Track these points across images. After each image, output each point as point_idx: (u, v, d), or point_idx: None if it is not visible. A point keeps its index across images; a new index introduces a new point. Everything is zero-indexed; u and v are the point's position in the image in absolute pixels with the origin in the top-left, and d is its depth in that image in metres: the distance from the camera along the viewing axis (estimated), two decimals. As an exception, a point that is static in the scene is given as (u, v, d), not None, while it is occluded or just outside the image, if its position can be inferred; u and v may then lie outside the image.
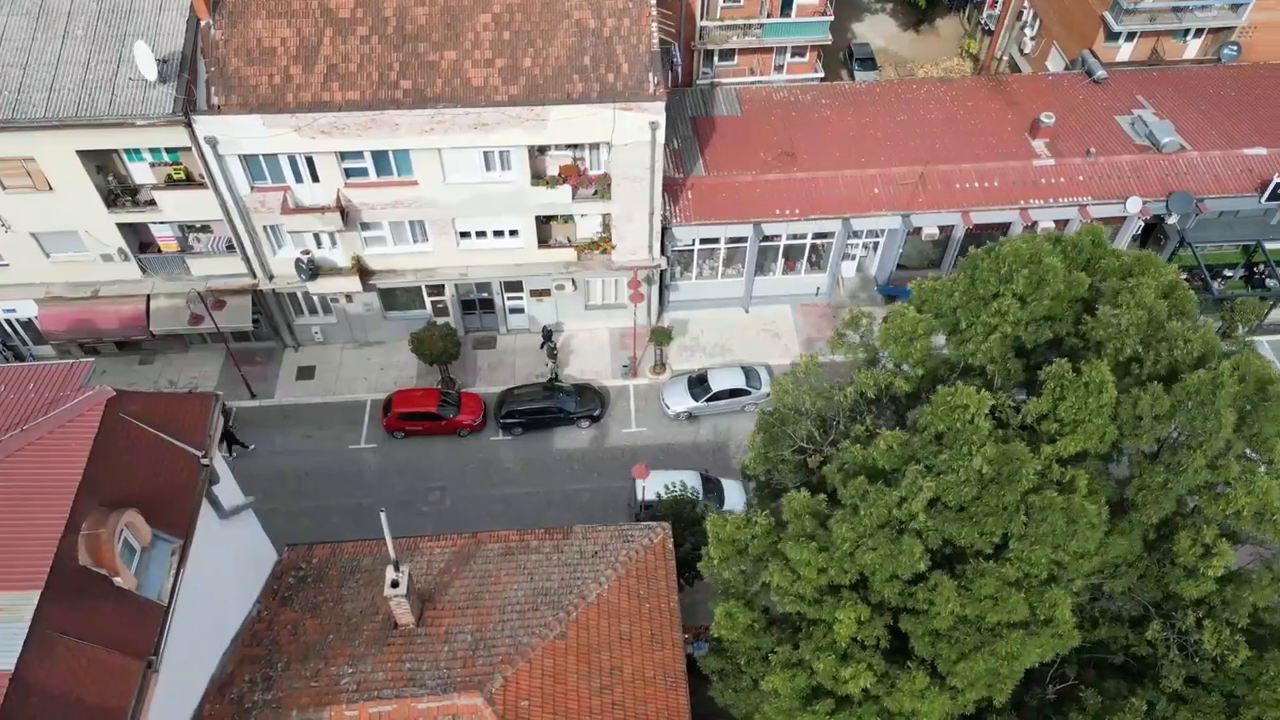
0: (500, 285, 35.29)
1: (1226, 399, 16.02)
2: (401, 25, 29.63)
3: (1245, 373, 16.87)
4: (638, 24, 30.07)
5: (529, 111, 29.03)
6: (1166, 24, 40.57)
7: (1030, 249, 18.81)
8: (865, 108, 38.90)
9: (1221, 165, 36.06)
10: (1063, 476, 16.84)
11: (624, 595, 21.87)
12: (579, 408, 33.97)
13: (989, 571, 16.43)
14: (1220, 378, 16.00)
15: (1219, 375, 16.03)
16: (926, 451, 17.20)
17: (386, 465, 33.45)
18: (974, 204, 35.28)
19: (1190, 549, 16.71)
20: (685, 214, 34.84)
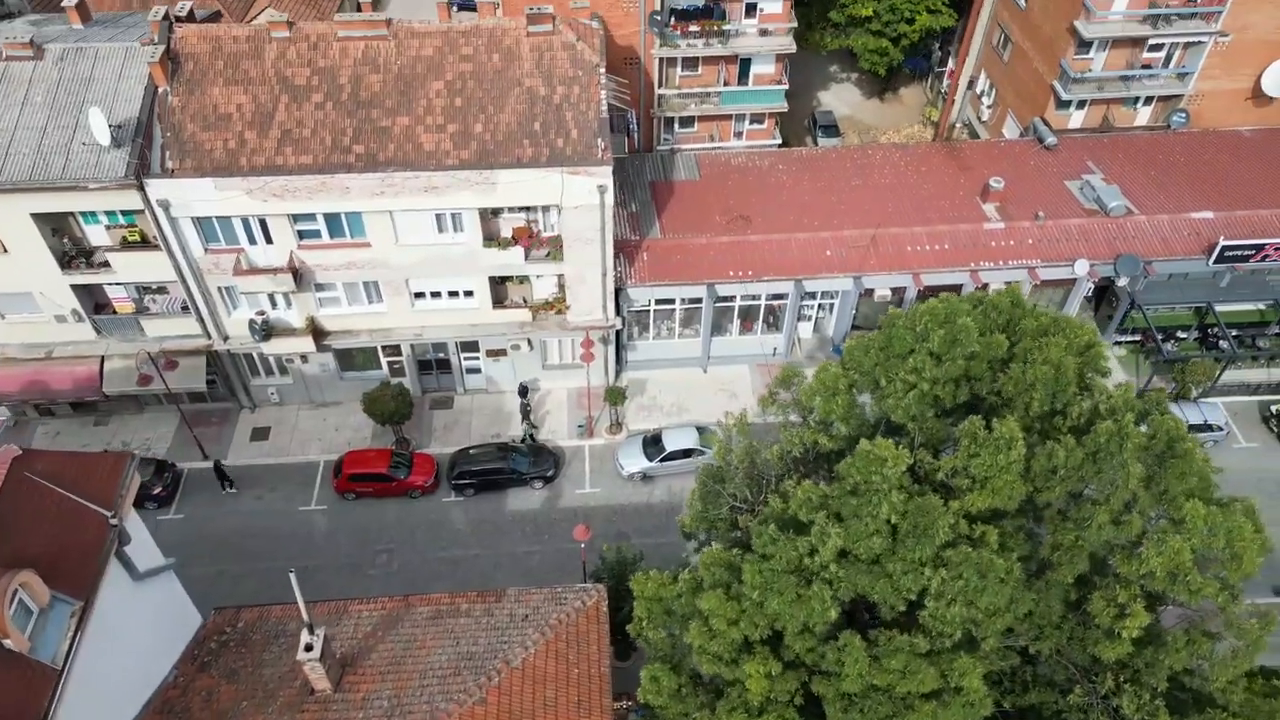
0: (456, 345, 35.44)
1: (1133, 451, 16.00)
2: (356, 92, 30.37)
3: (1156, 429, 16.86)
4: (587, 91, 30.85)
5: (478, 175, 29.58)
6: (1115, 92, 41.64)
7: (945, 309, 19.03)
8: (820, 173, 39.68)
9: (1169, 229, 36.67)
10: (973, 532, 16.73)
11: (552, 660, 21.44)
12: (532, 468, 33.79)
13: (899, 645, 16.16)
14: (1126, 429, 16.02)
15: (1124, 427, 16.05)
16: (841, 503, 17.13)
17: (335, 527, 33.09)
18: (925, 266, 35.73)
19: (1105, 610, 16.49)
20: (640, 275, 35.22)
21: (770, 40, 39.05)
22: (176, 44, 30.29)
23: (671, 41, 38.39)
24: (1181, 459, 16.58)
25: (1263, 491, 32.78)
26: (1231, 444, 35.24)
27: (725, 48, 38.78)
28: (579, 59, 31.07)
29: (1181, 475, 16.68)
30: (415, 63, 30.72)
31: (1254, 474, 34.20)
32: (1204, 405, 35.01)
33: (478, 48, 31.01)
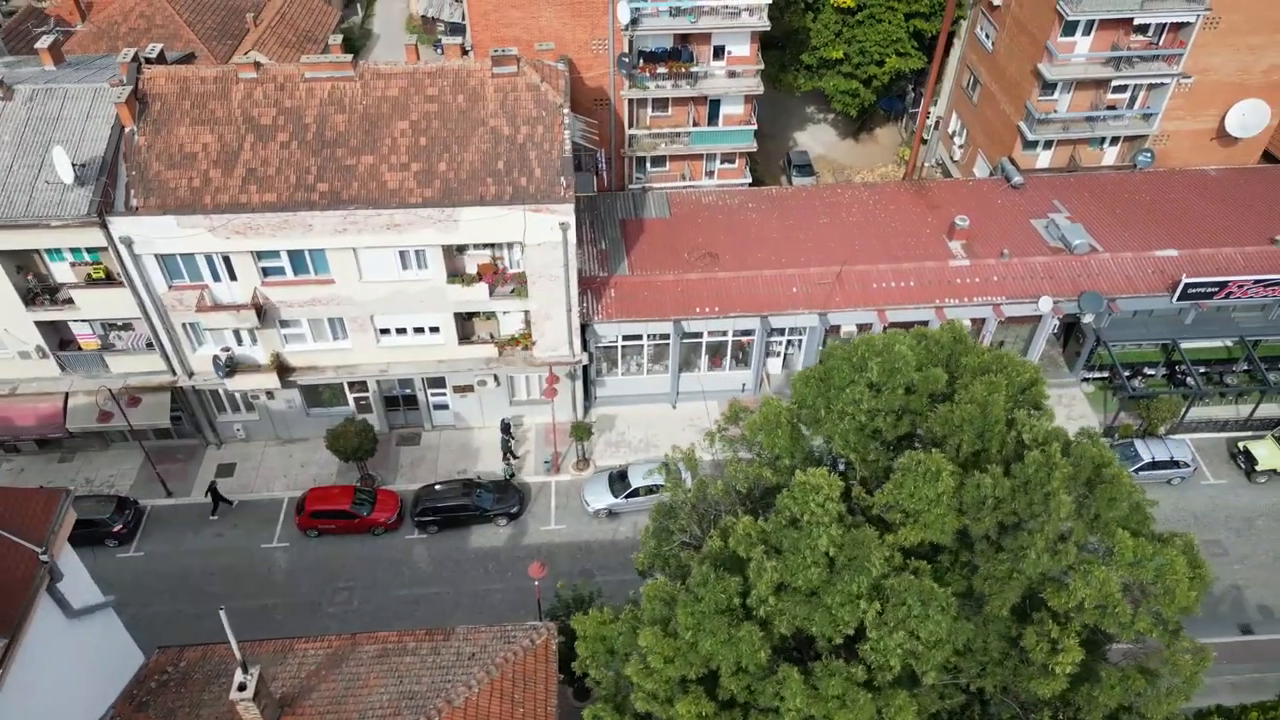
0: (422, 382, 35.44)
1: (1061, 480, 15.96)
2: (321, 132, 30.75)
3: (1079, 456, 16.82)
4: (550, 131, 31.25)
5: (440, 212, 29.85)
6: (1080, 133, 42.27)
7: (883, 340, 19.12)
8: (789, 211, 40.07)
9: (1133, 266, 36.95)
10: (906, 565, 16.62)
11: (496, 699, 21.12)
12: (496, 505, 33.60)
13: (837, 671, 15.99)
14: (1053, 458, 16.00)
15: (1051, 456, 16.03)
16: (779, 535, 17.04)
17: (296, 565, 32.80)
18: (890, 302, 35.92)
19: (1038, 645, 16.32)
20: (607, 311, 35.37)
21: (738, 82, 39.67)
22: (144, 85, 30.72)
23: (640, 83, 38.99)
24: (1109, 484, 16.48)
25: (1229, 528, 32.94)
26: (1199, 481, 35.15)
27: (694, 89, 39.38)
28: (542, 99, 31.52)
29: (1111, 500, 16.55)
30: (380, 103, 31.16)
31: (1221, 510, 34.15)
32: (1170, 442, 34.97)
33: (443, 88, 31.48)
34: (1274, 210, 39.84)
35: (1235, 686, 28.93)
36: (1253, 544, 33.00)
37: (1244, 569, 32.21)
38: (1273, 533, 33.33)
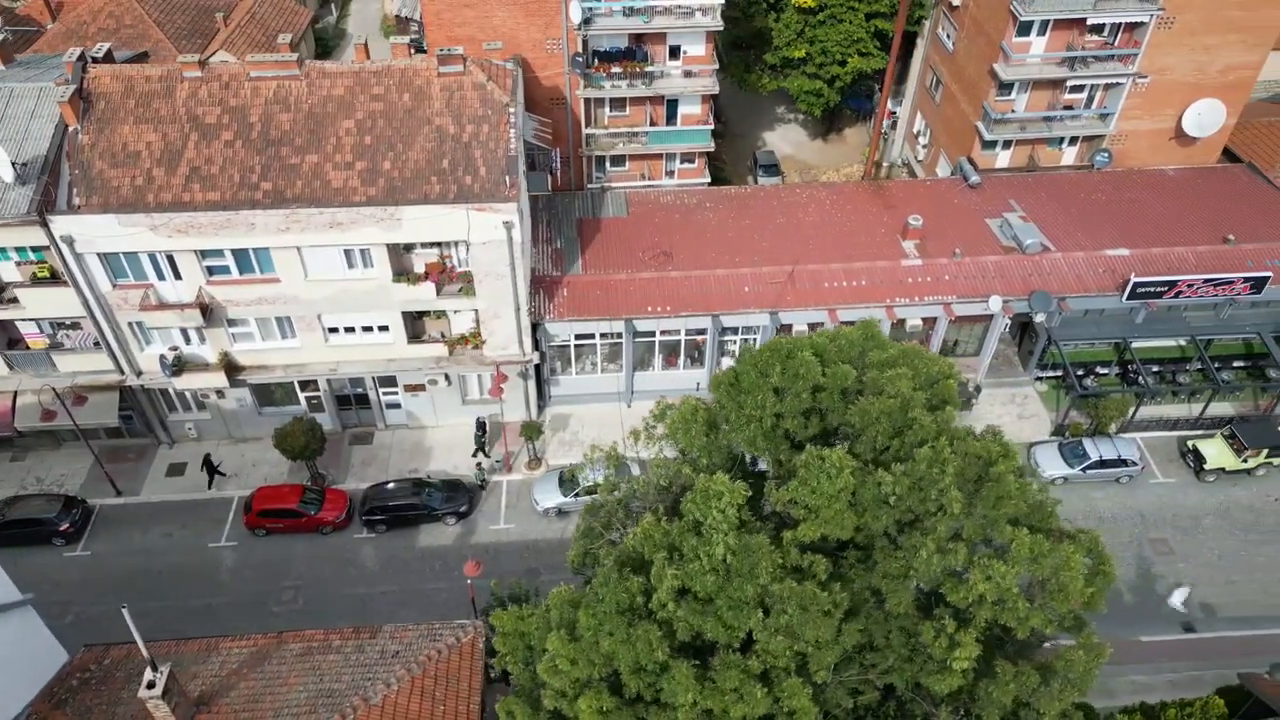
0: (374, 380, 35.44)
1: (951, 478, 16.01)
2: (266, 131, 30.75)
3: (968, 454, 16.84)
4: (496, 130, 31.28)
5: (383, 211, 29.86)
6: (1038, 132, 42.35)
7: (788, 345, 19.20)
8: (746, 211, 40.13)
9: (1084, 265, 37.04)
10: (802, 562, 16.67)
11: (416, 697, 21.15)
12: (445, 504, 33.61)
13: (733, 664, 16.03)
14: (943, 455, 16.05)
15: (941, 452, 16.09)
16: (684, 539, 17.10)
17: (243, 564, 32.78)
18: (841, 302, 35.98)
19: (936, 640, 16.37)
20: (559, 310, 35.40)
21: (694, 81, 39.71)
22: (89, 84, 30.71)
23: (595, 83, 39.03)
24: (995, 482, 16.48)
25: (1177, 527, 33.06)
26: (1148, 479, 35.24)
27: (649, 89, 39.42)
28: (489, 99, 31.55)
29: (1001, 498, 16.55)
30: (326, 102, 31.17)
31: (1169, 509, 34.26)
32: (1118, 441, 35.06)
33: (388, 87, 31.50)
34: (1229, 209, 39.98)
35: (1174, 684, 29.03)
36: (1198, 543, 33.09)
37: (1189, 568, 32.31)
38: (1219, 531, 33.43)
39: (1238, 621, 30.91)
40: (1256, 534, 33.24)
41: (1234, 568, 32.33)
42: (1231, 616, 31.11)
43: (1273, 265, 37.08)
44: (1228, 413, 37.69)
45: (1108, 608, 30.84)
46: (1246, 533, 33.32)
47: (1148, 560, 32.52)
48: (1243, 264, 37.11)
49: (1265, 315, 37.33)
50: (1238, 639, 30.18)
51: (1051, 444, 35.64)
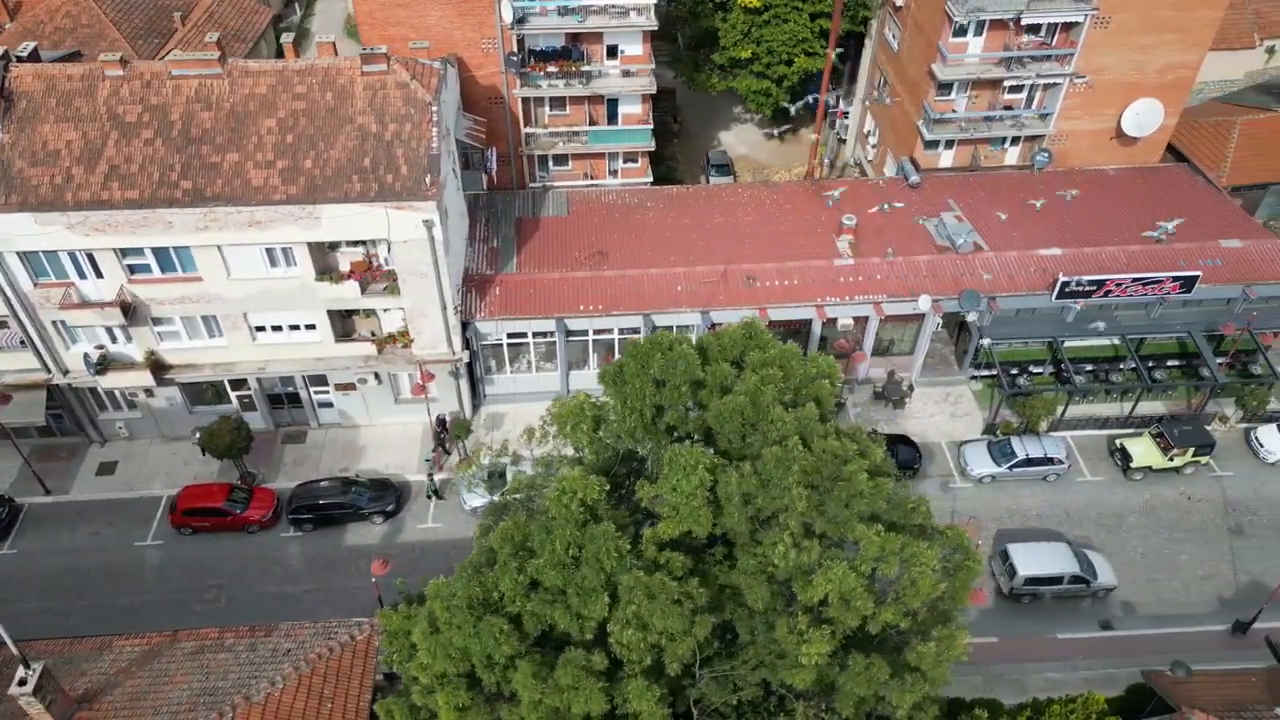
0: (304, 379, 35.44)
1: (798, 477, 16.08)
2: (187, 129, 30.75)
3: (822, 453, 16.90)
4: (419, 129, 31.31)
5: (301, 209, 29.88)
6: (978, 132, 42.45)
7: (669, 339, 19.27)
8: (686, 210, 40.23)
9: (1016, 265, 37.17)
10: (659, 558, 16.74)
11: (302, 695, 21.16)
12: (372, 503, 33.61)
13: (573, 661, 16.10)
14: (792, 453, 16.12)
15: (790, 451, 16.16)
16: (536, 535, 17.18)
17: (168, 563, 32.77)
18: (771, 301, 36.07)
19: (789, 636, 16.44)
20: (490, 309, 35.45)
21: (632, 81, 39.75)
22: (11, 83, 30.67)
23: (532, 82, 39.05)
24: (847, 481, 16.52)
25: (1100, 525, 33.22)
26: (1075, 477, 35.36)
27: (587, 88, 39.44)
28: (412, 97, 31.58)
29: (850, 497, 16.57)
30: (248, 100, 31.17)
31: (1094, 507, 34.39)
32: (1045, 439, 35.18)
33: (311, 86, 31.51)
34: (1165, 209, 40.13)
35: (1089, 681, 29.16)
36: (1122, 541, 33.22)
37: (1111, 565, 32.38)
38: (1142, 530, 33.57)
39: (1156, 619, 31.05)
40: (1180, 532, 33.39)
41: (1156, 566, 32.47)
42: (1151, 614, 31.25)
43: (1205, 265, 37.26)
44: (1161, 412, 37.85)
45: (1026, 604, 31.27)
46: (1170, 531, 33.47)
47: (1070, 558, 32.63)
48: (1175, 263, 37.27)
49: (1197, 314, 37.48)
50: (1155, 636, 30.31)
51: (981, 443, 35.76)
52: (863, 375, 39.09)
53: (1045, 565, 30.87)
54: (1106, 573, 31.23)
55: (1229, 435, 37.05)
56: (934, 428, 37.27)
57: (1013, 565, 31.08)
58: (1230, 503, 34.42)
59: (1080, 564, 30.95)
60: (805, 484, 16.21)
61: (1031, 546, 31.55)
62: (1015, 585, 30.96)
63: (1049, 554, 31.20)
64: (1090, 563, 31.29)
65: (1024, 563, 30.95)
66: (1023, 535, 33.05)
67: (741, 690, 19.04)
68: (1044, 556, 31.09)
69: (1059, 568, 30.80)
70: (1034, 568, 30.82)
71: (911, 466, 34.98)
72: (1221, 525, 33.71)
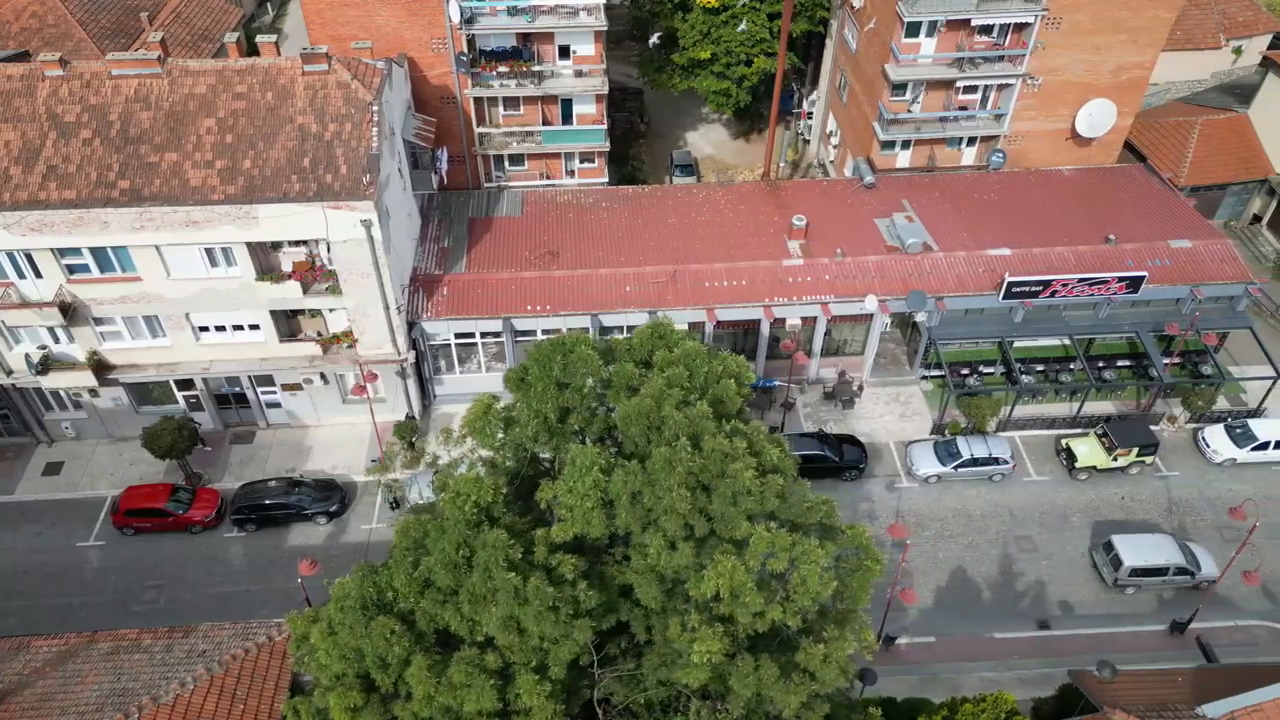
0: (250, 379, 35.38)
1: (680, 477, 16.07)
2: (125, 129, 30.69)
3: (711, 452, 16.87)
4: (359, 129, 31.27)
5: (238, 209, 29.82)
6: (933, 133, 42.50)
7: (571, 341, 19.26)
8: (640, 211, 40.22)
9: (965, 265, 37.21)
10: (550, 561, 16.72)
11: (214, 696, 21.12)
12: (315, 504, 33.56)
13: (466, 659, 16.08)
14: (678, 454, 16.11)
15: (677, 451, 16.15)
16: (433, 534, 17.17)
17: (110, 563, 32.70)
18: (720, 301, 36.08)
19: (681, 634, 16.43)
20: (436, 309, 35.42)
21: (585, 81, 39.73)
22: (-51, 81, 30.60)
23: (484, 82, 39.03)
24: (731, 479, 16.47)
25: (1043, 525, 33.26)
26: (1021, 477, 35.39)
27: (539, 88, 39.43)
28: (353, 97, 31.54)
29: (734, 495, 16.53)
30: (187, 100, 31.13)
31: (1038, 507, 34.43)
32: (991, 439, 35.22)
33: (252, 85, 31.47)
34: (1117, 209, 40.24)
35: (1023, 681, 29.19)
36: (1063, 541, 33.26)
37: (1050, 565, 32.47)
38: (1084, 529, 33.60)
39: (1093, 619, 31.08)
40: (1123, 532, 33.37)
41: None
42: (1088, 614, 31.27)
43: (1153, 265, 37.35)
44: (1111, 412, 37.88)
45: (965, 604, 31.33)
46: (1113, 531, 33.46)
47: (1010, 558, 32.67)
48: (1123, 263, 37.35)
49: (1146, 315, 37.54)
50: (1092, 636, 30.34)
51: (927, 443, 35.79)
52: (814, 375, 39.11)
53: (1151, 557, 31.18)
54: (1209, 565, 31.49)
55: (1178, 436, 37.11)
56: (883, 428, 37.29)
57: (1118, 556, 31.38)
58: (1174, 503, 34.47)
59: (1185, 556, 31.25)
60: (689, 484, 16.20)
61: (1137, 538, 31.84)
62: (1120, 576, 31.32)
63: (1154, 546, 31.53)
64: (1194, 555, 31.56)
65: (1130, 554, 31.24)
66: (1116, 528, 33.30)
67: (649, 690, 19.03)
68: (1149, 548, 31.40)
69: (1164, 559, 31.12)
70: (1140, 559, 31.12)
71: (858, 466, 35.01)
72: (1165, 525, 33.74)
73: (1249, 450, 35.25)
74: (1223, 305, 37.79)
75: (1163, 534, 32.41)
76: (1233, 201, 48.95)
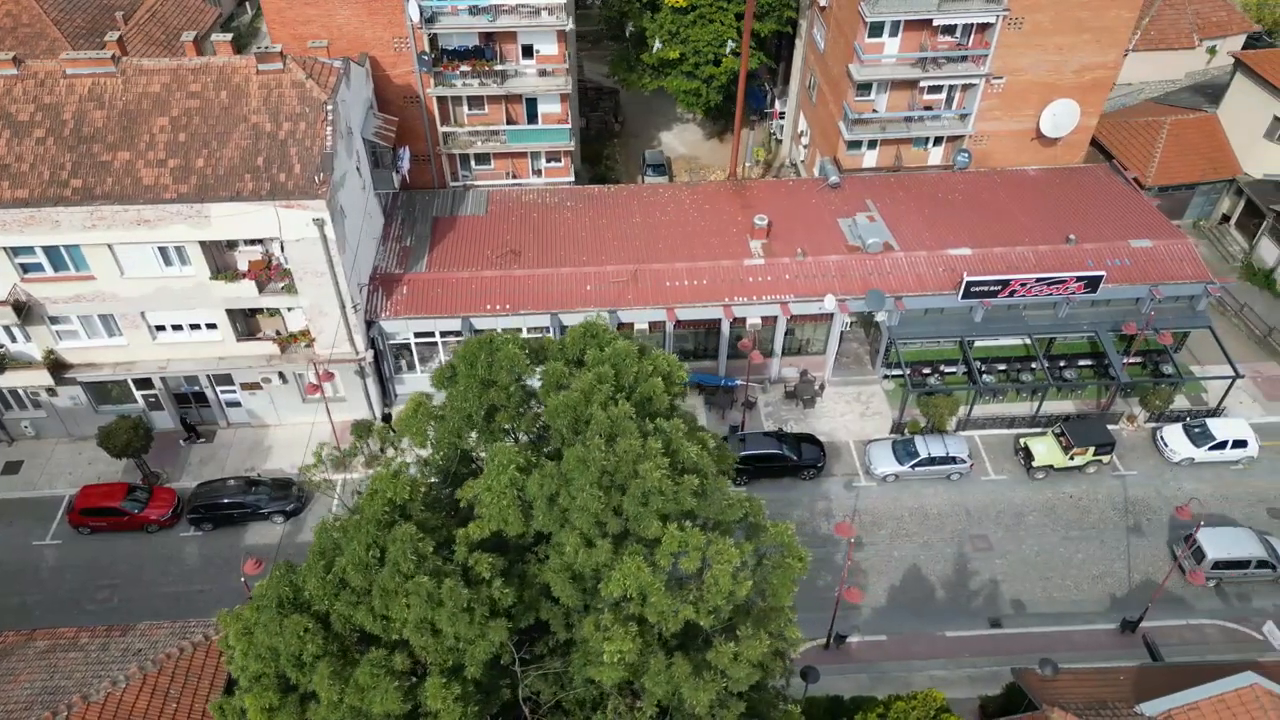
0: (209, 379, 35.37)
1: (593, 477, 16.10)
2: (79, 128, 30.68)
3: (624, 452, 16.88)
4: (314, 128, 31.27)
5: (190, 208, 29.82)
6: (898, 132, 42.56)
7: (498, 338, 19.32)
8: (605, 210, 40.25)
9: (925, 265, 37.27)
10: (468, 560, 16.75)
11: (146, 694, 21.12)
12: (272, 503, 33.55)
13: (374, 660, 16.10)
14: (591, 453, 16.14)
15: (590, 451, 16.17)
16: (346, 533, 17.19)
17: (65, 562, 32.67)
18: (680, 301, 36.12)
19: (595, 633, 16.46)
20: (395, 308, 35.43)
21: (548, 80, 39.74)
22: (-98, 80, 30.56)
23: (447, 81, 39.03)
24: (642, 479, 16.48)
25: (999, 524, 33.32)
26: (979, 476, 35.45)
27: (502, 88, 39.43)
28: (307, 96, 31.54)
29: (645, 495, 16.52)
30: (141, 99, 31.12)
31: (995, 506, 34.49)
32: (949, 439, 35.27)
33: (206, 84, 31.47)
34: (1080, 209, 40.32)
35: (973, 679, 29.26)
36: (1019, 539, 33.33)
37: (1005, 563, 32.55)
38: (1040, 528, 33.68)
39: (1045, 617, 31.15)
40: (1077, 530, 33.51)
41: (1050, 564, 32.58)
42: (1040, 613, 31.34)
43: (1112, 265, 37.43)
44: (1072, 411, 37.95)
45: (918, 603, 31.38)
46: (1068, 529, 33.59)
47: (965, 557, 32.74)
48: (1083, 263, 37.42)
49: (1105, 314, 37.62)
50: (1042, 635, 30.41)
51: (885, 442, 35.84)
52: (776, 375, 39.16)
53: (1233, 550, 31.42)
54: None
55: (1137, 435, 37.20)
56: (843, 427, 37.34)
57: (1201, 549, 31.49)
58: (1131, 502, 34.55)
59: (1266, 550, 31.55)
60: (602, 483, 16.22)
61: (1219, 531, 32.06)
62: (1203, 569, 31.46)
63: (1236, 539, 31.81)
64: (1275, 549, 31.85)
65: (1213, 547, 31.43)
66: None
67: (578, 689, 19.05)
68: (1232, 541, 31.66)
69: (1246, 552, 31.39)
70: (1223, 552, 31.34)
71: (816, 466, 35.05)
72: (1120, 524, 33.84)
73: (1206, 450, 35.34)
74: (1183, 305, 37.88)
75: (1244, 528, 32.69)
76: (1202, 201, 49.04)
